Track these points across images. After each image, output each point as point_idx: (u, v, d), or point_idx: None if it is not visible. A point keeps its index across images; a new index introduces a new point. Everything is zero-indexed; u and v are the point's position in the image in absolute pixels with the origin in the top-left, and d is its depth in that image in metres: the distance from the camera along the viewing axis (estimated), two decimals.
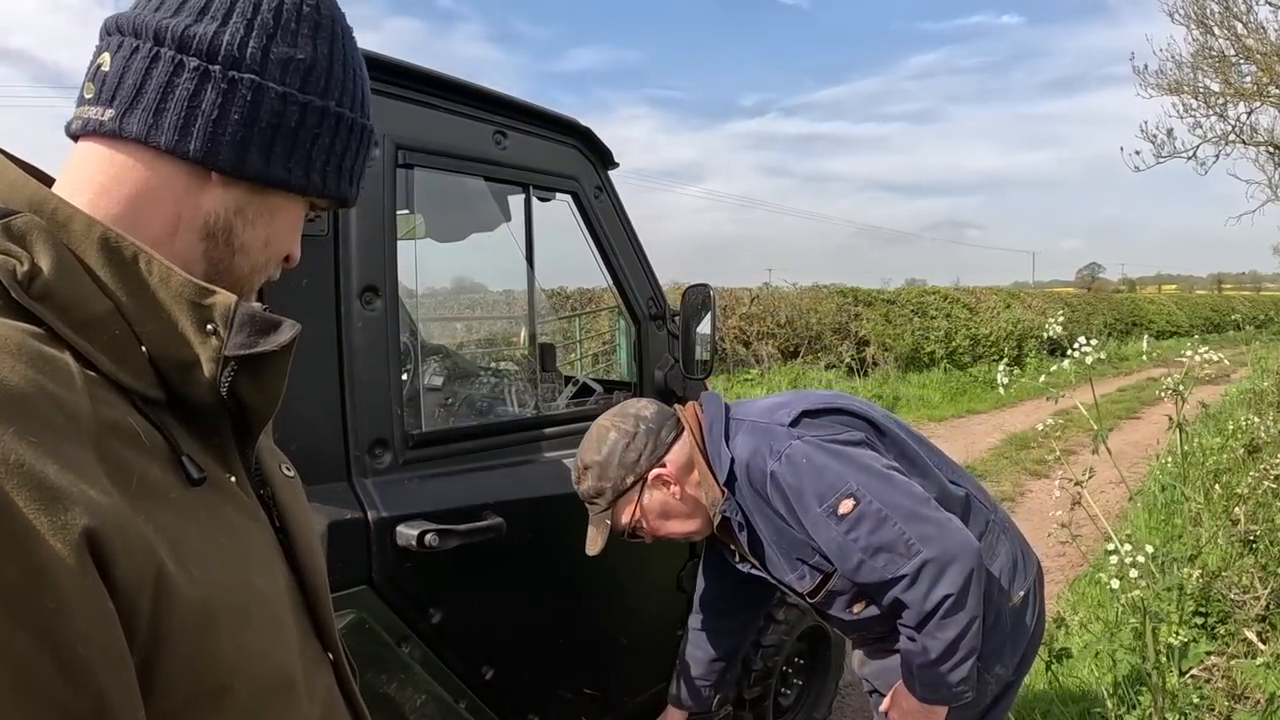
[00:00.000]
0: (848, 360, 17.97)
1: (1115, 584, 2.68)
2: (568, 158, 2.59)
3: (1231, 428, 7.20)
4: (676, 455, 2.16)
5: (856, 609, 2.16)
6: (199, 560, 0.74)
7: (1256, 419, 6.59)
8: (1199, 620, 4.22)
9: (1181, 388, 3.36)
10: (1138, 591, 2.60)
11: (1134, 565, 2.57)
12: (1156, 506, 6.65)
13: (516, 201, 2.85)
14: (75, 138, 0.87)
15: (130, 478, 0.71)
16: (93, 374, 0.74)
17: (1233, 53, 18.00)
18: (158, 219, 0.85)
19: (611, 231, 2.70)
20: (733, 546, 2.30)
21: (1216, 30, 18.15)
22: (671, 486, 2.14)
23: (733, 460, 2.11)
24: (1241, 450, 6.16)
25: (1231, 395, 11.63)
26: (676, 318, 2.87)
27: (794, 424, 2.05)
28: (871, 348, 18.50)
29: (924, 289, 22.47)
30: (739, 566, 2.34)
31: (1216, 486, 6.24)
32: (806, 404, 2.11)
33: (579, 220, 2.63)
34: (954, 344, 19.92)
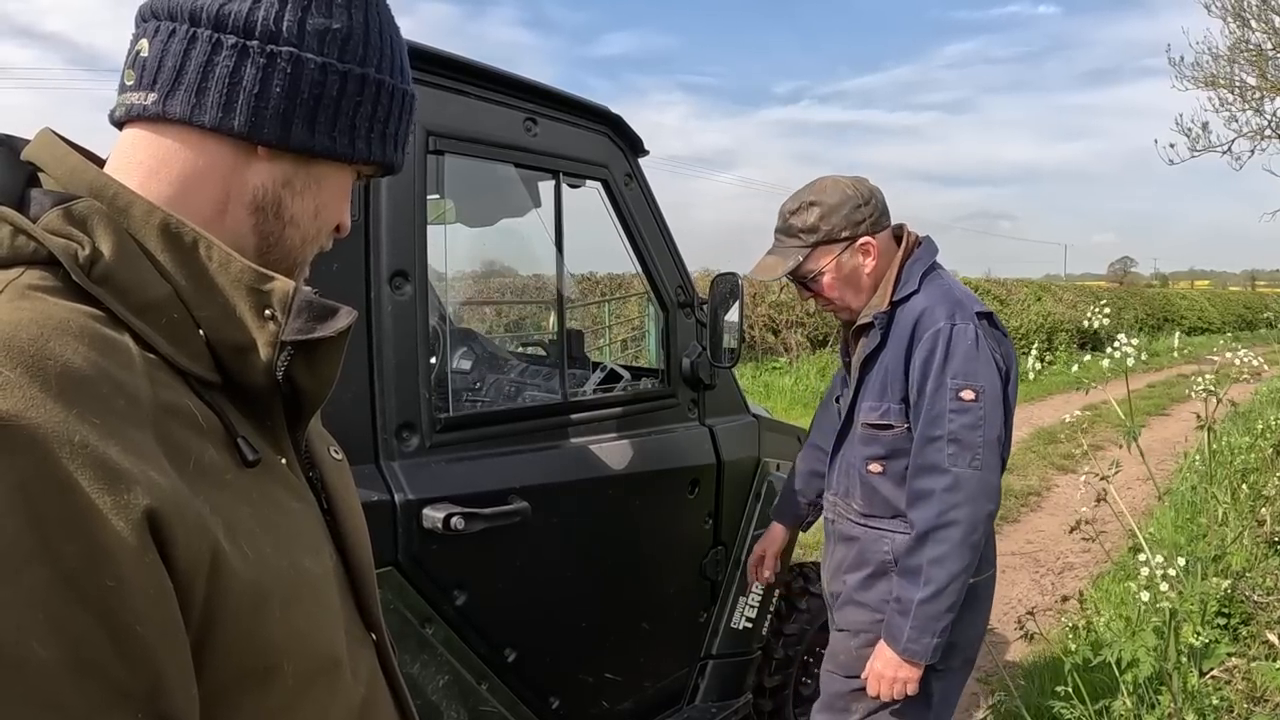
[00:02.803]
0: None
1: (1145, 595, 2.69)
2: (598, 145, 2.60)
3: (1260, 427, 7.13)
4: (885, 243, 2.34)
5: (875, 468, 2.34)
6: (251, 540, 0.75)
7: None
8: (1221, 621, 4.20)
9: (1215, 388, 3.33)
10: (1166, 603, 2.61)
11: (1164, 578, 2.59)
12: (1183, 505, 6.60)
13: (546, 187, 2.86)
14: (120, 125, 0.88)
15: (188, 459, 0.73)
16: (152, 357, 0.76)
17: (1270, 46, 17.74)
18: (207, 197, 0.86)
19: (641, 219, 2.70)
20: (849, 359, 2.47)
21: (1254, 24, 17.85)
22: (868, 260, 2.32)
23: (912, 295, 2.28)
24: (1270, 450, 6.10)
25: (1262, 394, 11.52)
26: (705, 306, 2.87)
27: (980, 316, 2.22)
28: None
29: (963, 280, 22.30)
30: (838, 399, 2.60)
31: (1244, 486, 6.19)
32: (992, 314, 2.28)
33: (609, 207, 2.64)
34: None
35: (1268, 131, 19.34)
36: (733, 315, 2.75)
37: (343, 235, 1.01)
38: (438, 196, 2.33)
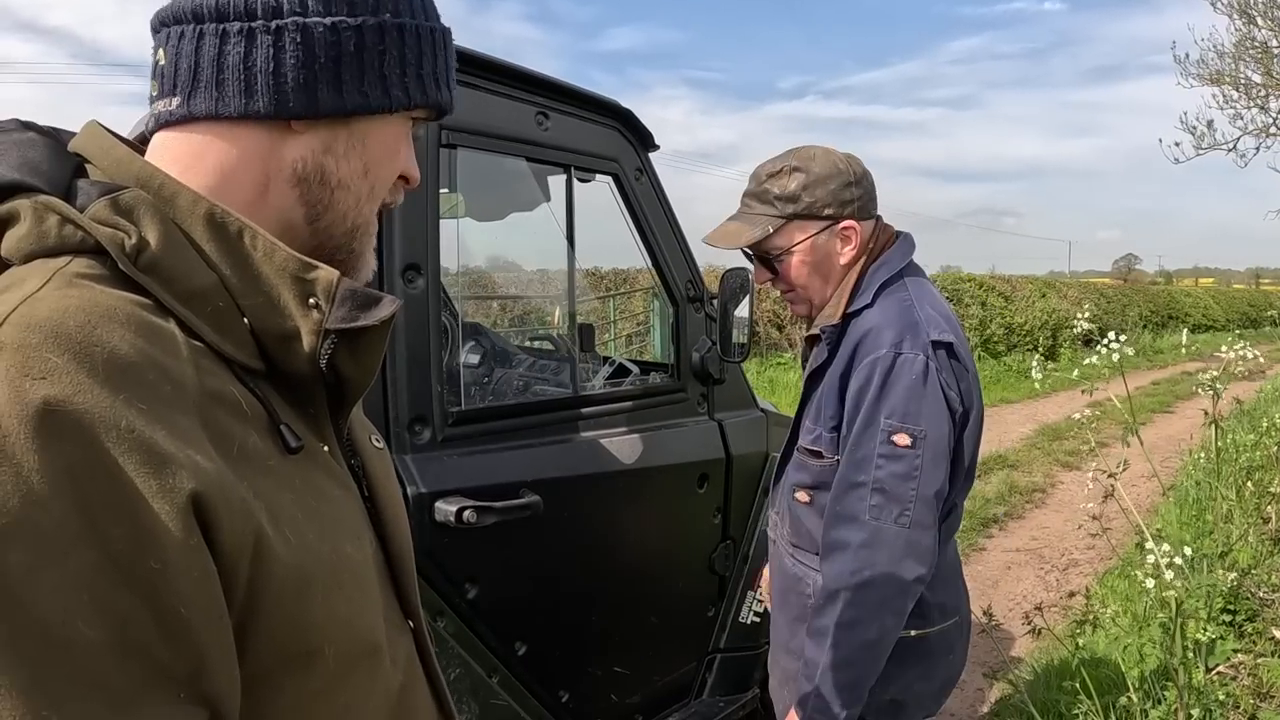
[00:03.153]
0: None
1: (1150, 583, 2.66)
2: (609, 139, 2.60)
3: (1265, 425, 7.13)
4: (867, 233, 2.03)
5: (801, 497, 2.07)
6: (294, 526, 0.77)
7: None
8: (1226, 617, 4.20)
9: (1219, 385, 3.33)
10: (1172, 592, 2.57)
11: (1170, 566, 2.54)
12: (1188, 502, 6.60)
13: (555, 182, 2.87)
14: (152, 132, 0.89)
15: (232, 445, 0.74)
16: (198, 344, 0.77)
17: (1275, 44, 17.71)
18: (248, 182, 0.86)
19: (651, 213, 2.71)
20: (805, 364, 2.18)
21: (1260, 20, 17.83)
22: (846, 248, 2.01)
23: (865, 309, 1.97)
24: (1275, 448, 6.10)
25: (1266, 392, 11.51)
26: (714, 300, 2.88)
27: (936, 346, 1.88)
28: None
29: (959, 276, 22.28)
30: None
31: (1249, 484, 6.18)
32: (957, 343, 1.93)
33: (619, 202, 2.64)
34: (988, 332, 19.75)
35: (1273, 129, 19.33)
36: (743, 310, 2.76)
37: (413, 186, 1.00)
38: (448, 190, 2.33)
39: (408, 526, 1.02)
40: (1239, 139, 18.90)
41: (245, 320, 0.81)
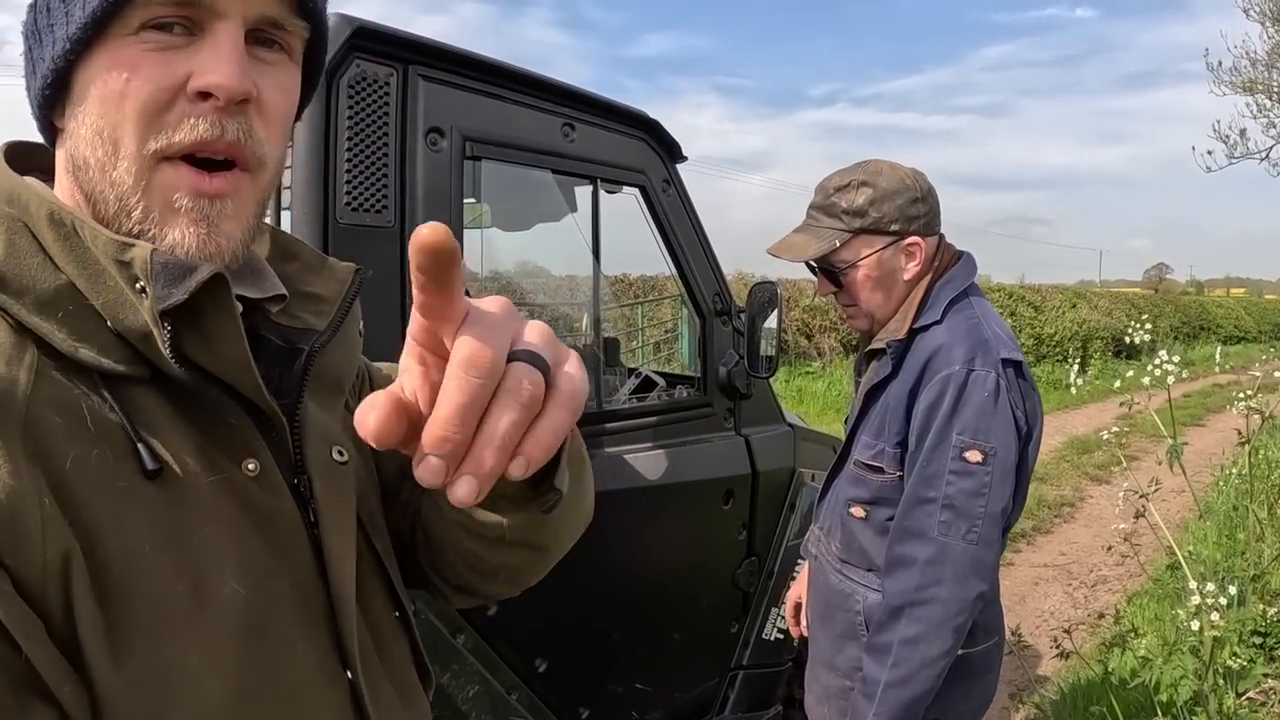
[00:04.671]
0: None
1: (1195, 625, 2.60)
2: (635, 151, 2.57)
3: None
4: (931, 250, 2.04)
5: (857, 512, 2.07)
6: (134, 555, 0.70)
7: None
8: (1257, 640, 4.12)
9: (1256, 404, 3.26)
10: (1215, 631, 2.52)
11: (1215, 608, 2.48)
12: (1224, 522, 6.49)
13: (581, 192, 2.85)
14: None
15: (64, 459, 0.69)
16: (53, 354, 0.72)
17: None
18: (68, 201, 0.80)
19: (678, 225, 2.68)
20: (859, 378, 2.22)
21: None
22: (910, 264, 2.01)
23: (933, 325, 1.98)
24: None
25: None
26: (742, 313, 2.84)
27: (1006, 364, 1.90)
28: None
29: (989, 286, 22.14)
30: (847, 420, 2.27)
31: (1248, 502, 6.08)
32: (1021, 361, 1.95)
33: (646, 214, 2.61)
34: (1018, 343, 19.63)
35: None
36: (770, 324, 2.72)
37: (209, 87, 0.74)
38: (473, 200, 2.31)
39: (353, 558, 0.88)
40: (1272, 147, 18.77)
41: (107, 322, 0.74)
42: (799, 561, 3.12)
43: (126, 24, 0.73)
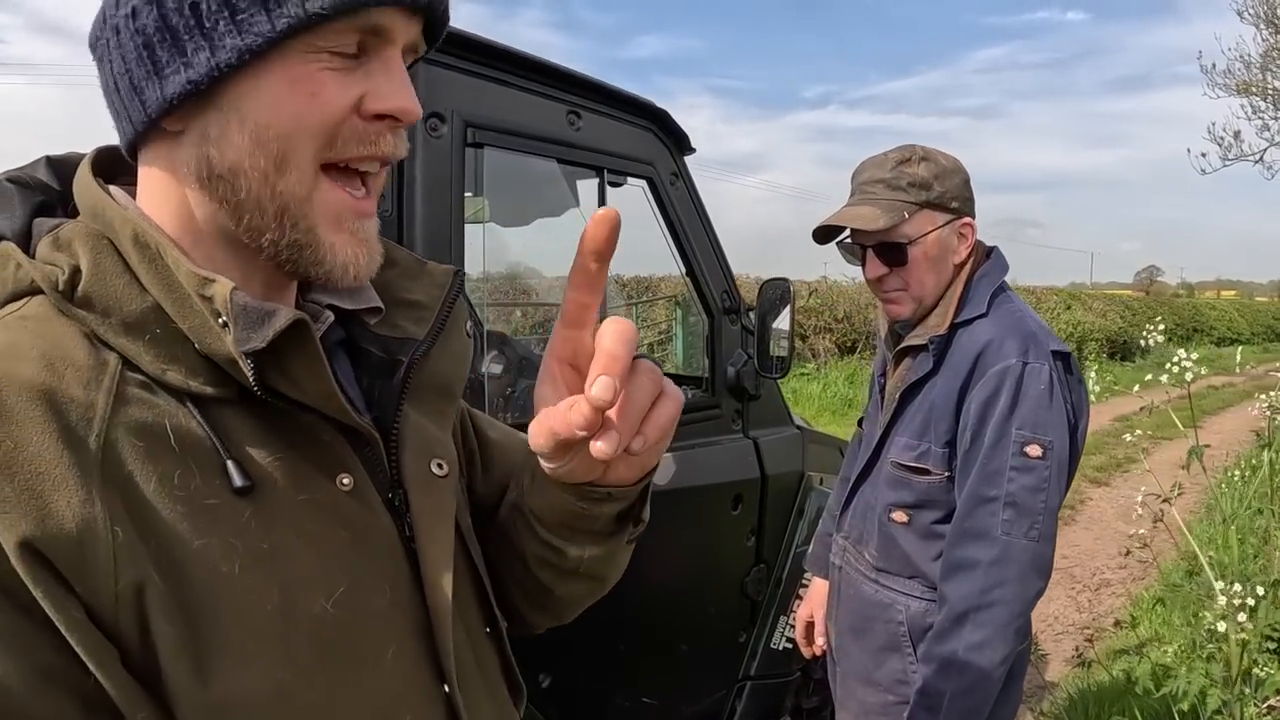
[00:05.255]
0: None
1: (1222, 626, 2.50)
2: (643, 141, 2.46)
3: None
4: (970, 240, 1.99)
5: (899, 517, 2.00)
6: (218, 575, 0.70)
7: None
8: (1271, 645, 4.04)
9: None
10: (1244, 635, 2.42)
11: (1243, 609, 2.39)
12: (1242, 524, 6.39)
13: (584, 187, 2.73)
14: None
15: (146, 482, 0.68)
16: (137, 375, 0.72)
17: None
18: (174, 201, 0.78)
19: (687, 220, 2.57)
20: (884, 380, 2.14)
21: None
22: (962, 246, 1.97)
23: (978, 319, 1.93)
24: None
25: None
26: (751, 311, 2.73)
27: (1056, 356, 1.86)
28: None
29: None
30: (865, 426, 2.24)
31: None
32: (1069, 354, 1.91)
33: (653, 207, 2.50)
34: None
35: None
36: (782, 322, 2.61)
37: (394, 110, 0.77)
38: (472, 194, 2.20)
39: (450, 572, 0.86)
40: (1266, 150, 18.82)
41: (194, 344, 0.74)
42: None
43: (310, 43, 0.73)
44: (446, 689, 0.85)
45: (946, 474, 1.93)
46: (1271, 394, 3.07)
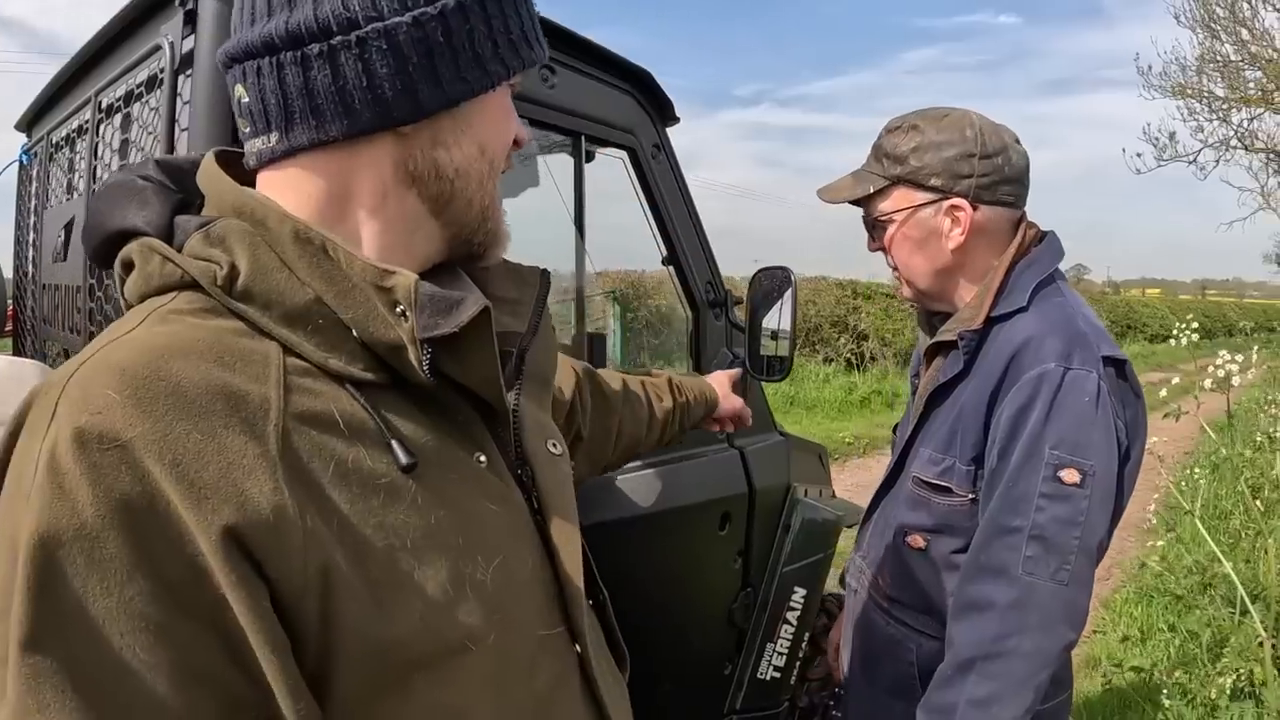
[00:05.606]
0: (846, 354, 17.61)
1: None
2: (623, 106, 2.14)
3: (1260, 439, 6.82)
4: (989, 222, 1.69)
5: (916, 541, 1.74)
6: (396, 550, 0.75)
7: None
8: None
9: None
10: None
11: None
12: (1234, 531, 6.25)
13: (550, 163, 2.41)
14: (255, 171, 0.88)
15: (325, 467, 0.73)
16: (300, 363, 0.77)
17: (1237, 58, 17.92)
18: (366, 195, 0.84)
19: (670, 199, 2.25)
20: (917, 377, 1.89)
21: (1223, 35, 18.05)
22: (954, 231, 1.68)
23: (1018, 313, 1.65)
24: None
25: (1246, 402, 11.28)
26: (738, 304, 2.42)
27: (1108, 363, 1.57)
28: (870, 342, 18.13)
29: None
30: (897, 431, 1.95)
31: (1257, 502, 5.87)
32: (1125, 361, 1.62)
33: (634, 183, 2.18)
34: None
35: (1234, 142, 19.59)
36: (782, 318, 2.26)
37: (521, 147, 0.95)
38: None
39: (578, 541, 0.95)
40: (1200, 151, 19.16)
41: (354, 333, 0.79)
42: (794, 590, 2.74)
43: (509, 81, 0.89)
44: (579, 649, 0.93)
45: (970, 496, 1.65)
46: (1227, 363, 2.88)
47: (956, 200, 1.66)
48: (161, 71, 1.58)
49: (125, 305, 0.82)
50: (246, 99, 0.83)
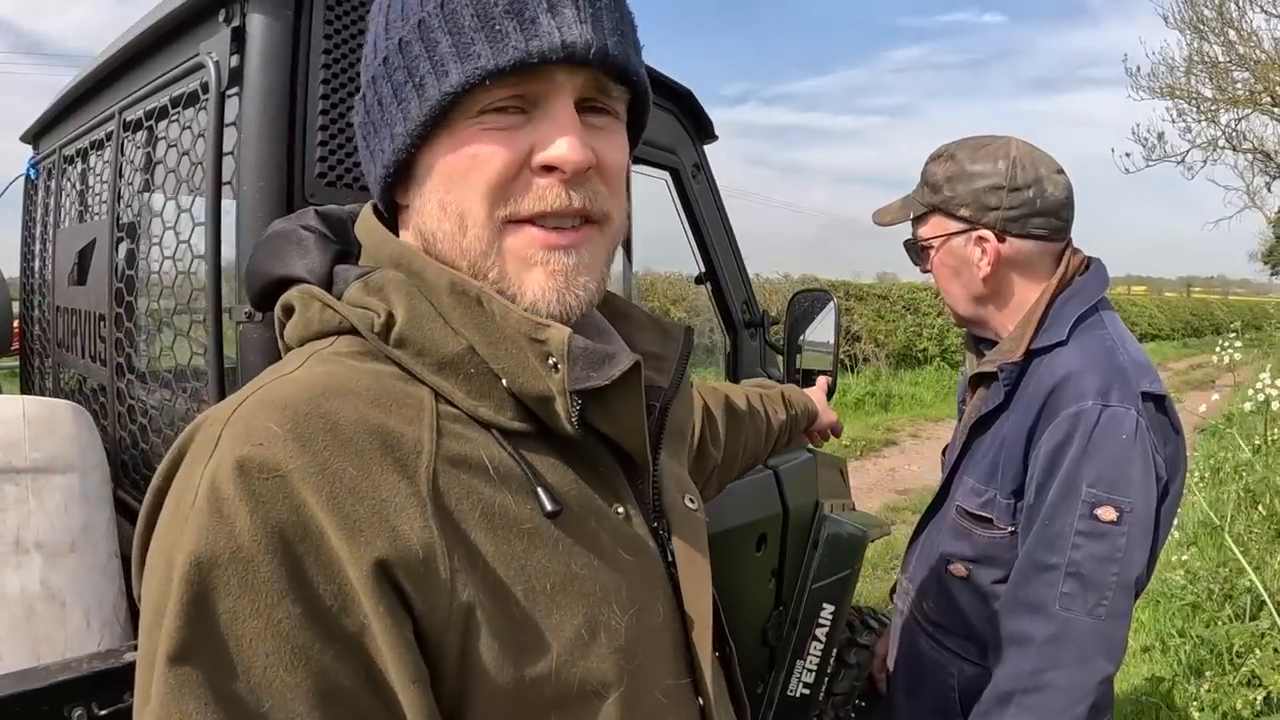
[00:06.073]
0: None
1: None
2: (665, 126, 2.10)
3: (1258, 442, 6.83)
4: (1022, 253, 1.71)
5: (958, 570, 1.76)
6: (536, 593, 0.76)
7: None
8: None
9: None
10: None
11: None
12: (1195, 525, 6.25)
13: None
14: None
15: (473, 510, 0.75)
16: (451, 410, 0.79)
17: (1225, 59, 18.03)
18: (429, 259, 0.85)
19: (709, 219, 2.21)
20: (964, 403, 1.90)
21: (1211, 36, 18.14)
22: (982, 261, 1.71)
23: (1058, 346, 1.65)
24: None
25: (1241, 404, 11.31)
26: (776, 324, 2.39)
27: (1146, 398, 1.58)
28: (863, 343, 18.14)
29: (916, 285, 22.06)
30: (948, 450, 1.94)
31: (1259, 507, 5.87)
32: (1165, 397, 1.63)
33: (676, 203, 2.14)
34: (947, 342, 19.61)
35: (1221, 142, 19.70)
36: (824, 334, 2.22)
37: (554, 161, 0.78)
38: None
39: (709, 595, 0.94)
40: (1188, 152, 19.26)
41: (503, 383, 0.81)
42: (823, 606, 2.71)
43: (467, 111, 0.79)
44: (701, 702, 0.92)
45: (1011, 529, 1.68)
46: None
47: (983, 232, 1.69)
48: (204, 90, 1.53)
49: (284, 348, 0.87)
50: None
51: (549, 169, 0.79)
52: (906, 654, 1.91)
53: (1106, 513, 1.51)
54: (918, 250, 1.83)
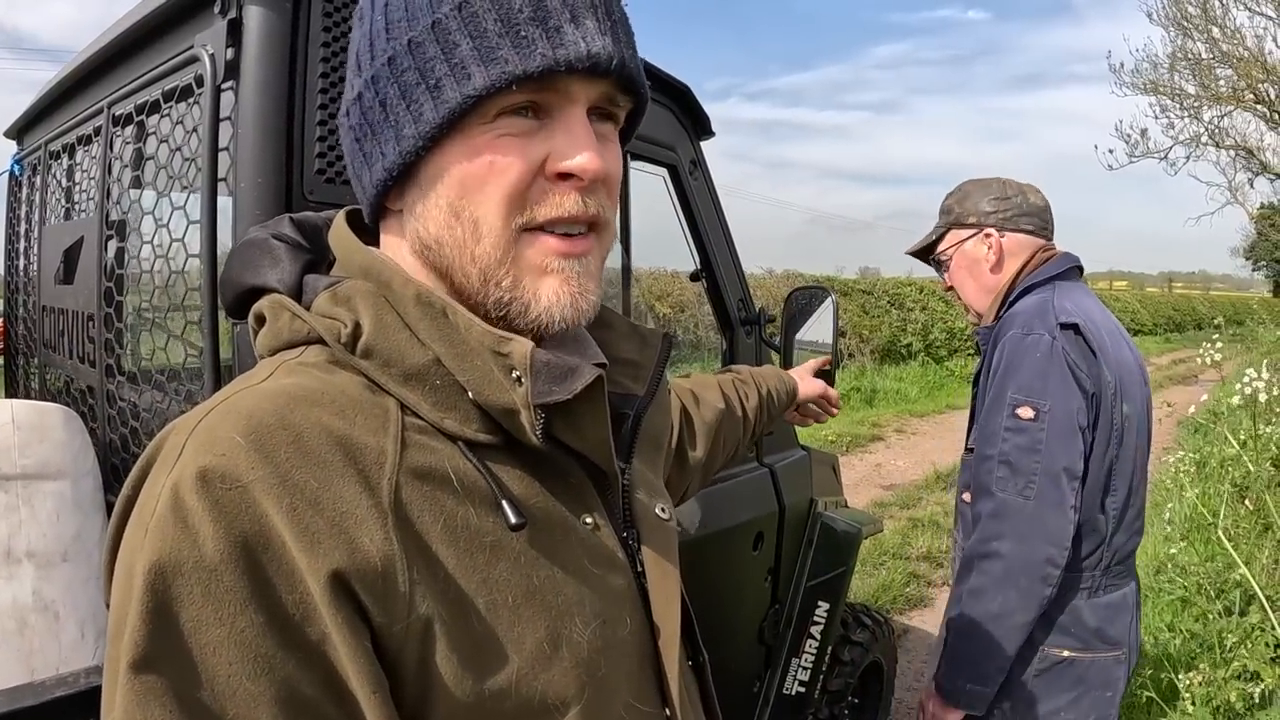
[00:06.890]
0: None
1: None
2: (663, 122, 2.09)
3: (1243, 437, 6.84)
4: (1018, 244, 2.15)
5: (966, 497, 2.15)
6: (498, 606, 0.76)
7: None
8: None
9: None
10: None
11: None
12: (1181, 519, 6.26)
13: None
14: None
15: (435, 521, 0.74)
16: (417, 421, 0.78)
17: (1209, 56, 18.14)
18: (414, 268, 0.86)
19: (706, 217, 2.20)
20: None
21: (1194, 33, 18.25)
22: (989, 253, 2.15)
23: (1011, 311, 2.07)
24: (1270, 465, 5.83)
25: (1222, 398, 11.36)
26: (772, 322, 2.37)
27: (1064, 327, 1.95)
28: (847, 339, 18.16)
29: (900, 280, 22.10)
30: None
31: (1246, 502, 5.88)
32: (1085, 324, 1.96)
33: (674, 201, 2.13)
34: (931, 337, 19.66)
35: (1204, 139, 19.82)
36: (823, 333, 2.20)
37: (573, 169, 0.77)
38: None
39: (678, 606, 0.94)
40: (1171, 148, 19.37)
41: (469, 395, 0.80)
42: (818, 604, 2.71)
43: (483, 115, 0.78)
44: (668, 712, 0.92)
45: None
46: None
47: (988, 230, 2.15)
48: (198, 83, 1.50)
49: (258, 357, 0.86)
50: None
51: (565, 176, 0.79)
52: (957, 574, 2.13)
53: (1025, 411, 1.89)
54: (939, 263, 2.25)
